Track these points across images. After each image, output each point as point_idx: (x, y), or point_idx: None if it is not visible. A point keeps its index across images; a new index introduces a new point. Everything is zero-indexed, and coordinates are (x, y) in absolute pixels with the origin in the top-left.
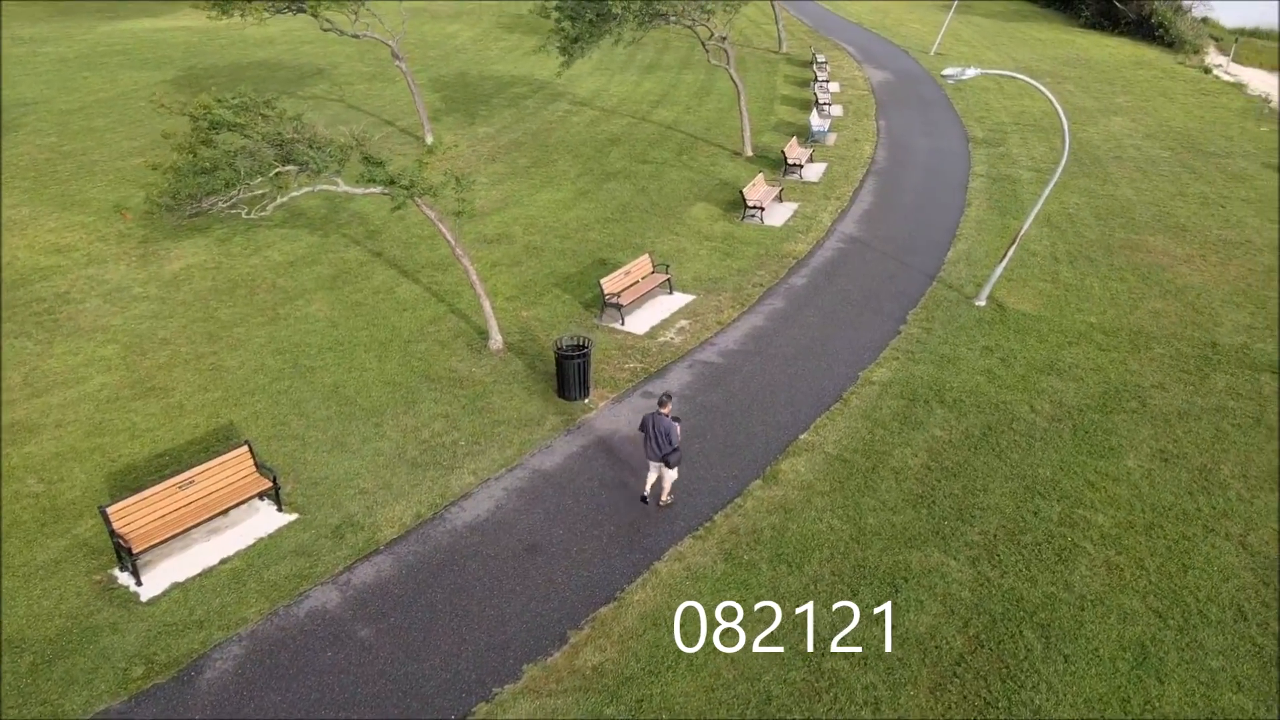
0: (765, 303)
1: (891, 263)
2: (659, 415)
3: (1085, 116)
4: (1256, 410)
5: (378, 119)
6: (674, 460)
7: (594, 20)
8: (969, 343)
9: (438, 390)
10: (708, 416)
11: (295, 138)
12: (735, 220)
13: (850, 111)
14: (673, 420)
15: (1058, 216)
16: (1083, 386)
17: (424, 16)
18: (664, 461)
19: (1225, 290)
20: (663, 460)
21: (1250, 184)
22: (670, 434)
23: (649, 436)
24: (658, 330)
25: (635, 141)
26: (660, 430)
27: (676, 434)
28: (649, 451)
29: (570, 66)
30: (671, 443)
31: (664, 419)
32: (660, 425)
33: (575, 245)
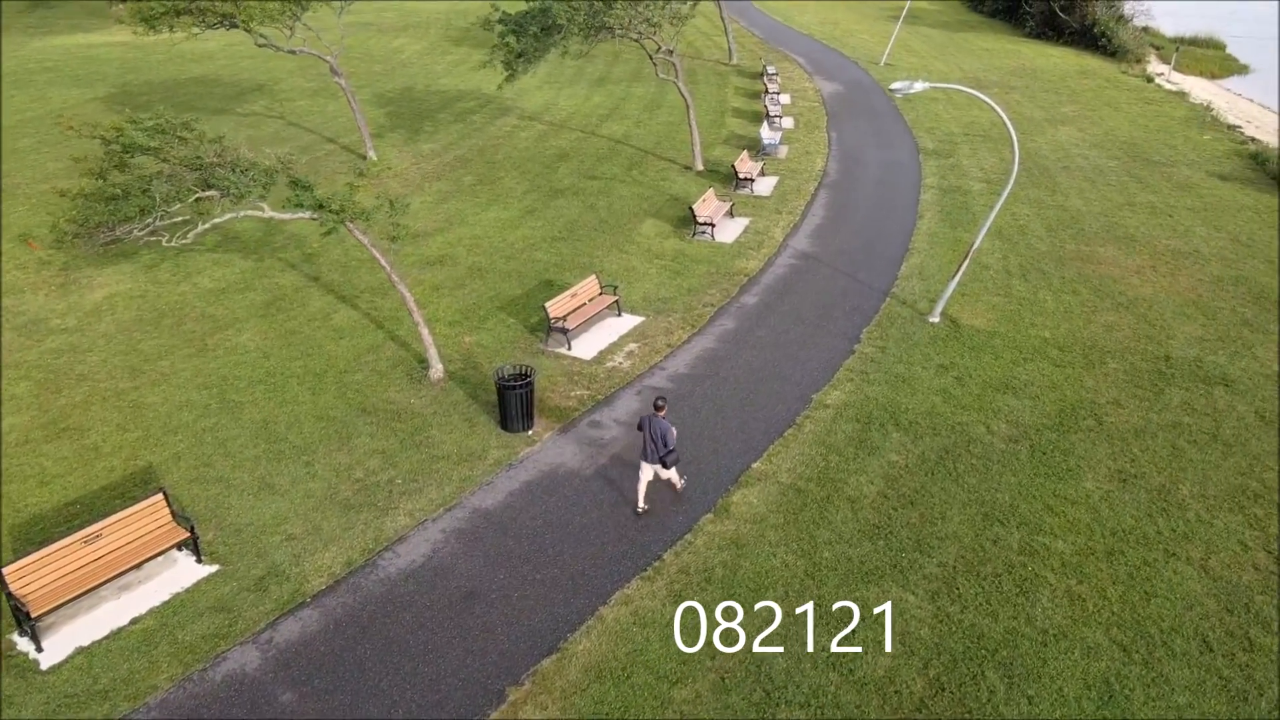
0: (716, 323)
1: (844, 279)
2: (655, 417)
3: (1033, 127)
4: (1212, 426)
5: (319, 136)
6: (670, 461)
7: (538, 34)
8: (924, 361)
9: (374, 424)
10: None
11: (216, 161)
12: (686, 237)
13: (801, 123)
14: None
15: (1009, 228)
16: (1039, 405)
17: (370, 31)
18: (661, 463)
19: (1176, 301)
20: (660, 462)
21: (1196, 192)
22: (667, 436)
23: (646, 439)
24: (606, 354)
25: (584, 157)
26: (657, 433)
27: (673, 436)
28: (646, 454)
29: (514, 82)
30: (668, 444)
31: (661, 421)
32: (657, 428)
33: (521, 266)
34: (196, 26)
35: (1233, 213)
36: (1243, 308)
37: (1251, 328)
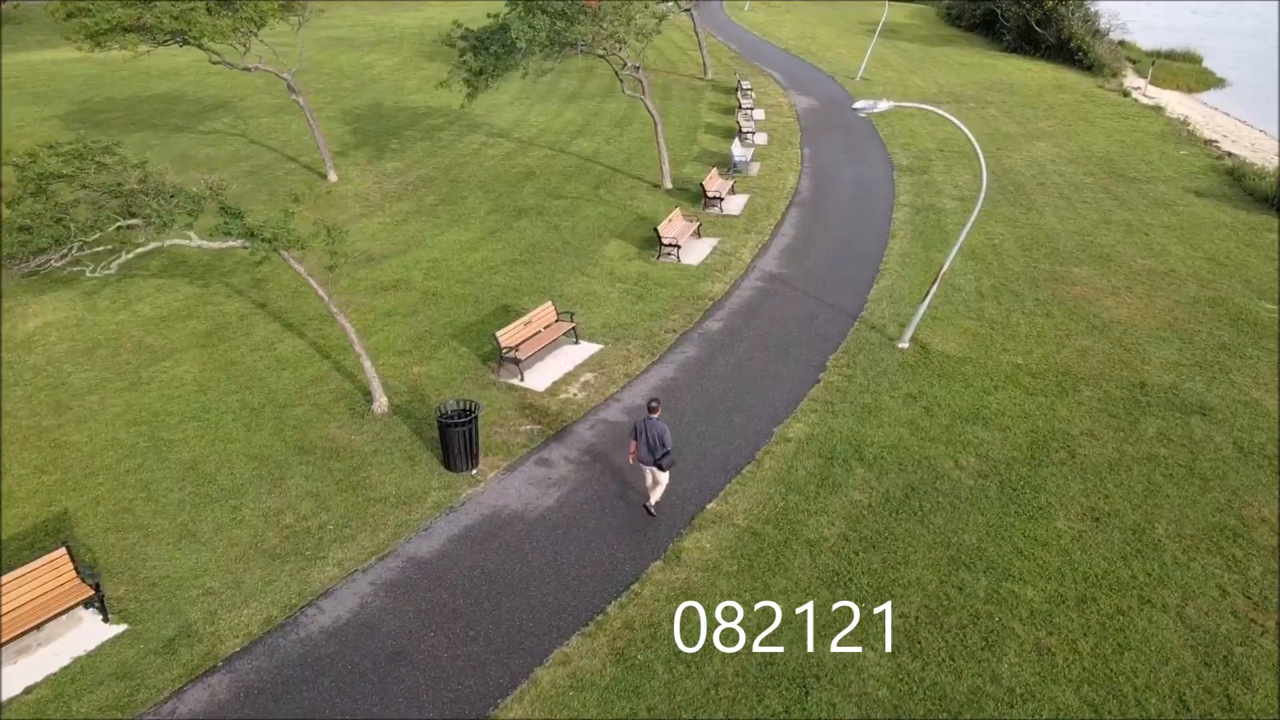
0: (677, 351)
1: (812, 302)
2: (650, 419)
3: (1009, 142)
4: (1188, 458)
5: (280, 155)
6: (666, 463)
7: (498, 53)
8: (891, 390)
9: (310, 463)
10: (607, 484)
11: (138, 188)
12: (651, 259)
13: (775, 139)
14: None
15: (982, 248)
16: (1009, 436)
17: (342, 46)
18: (657, 465)
19: (1152, 324)
20: (656, 464)
21: (1172, 210)
22: (663, 437)
23: (641, 442)
24: (560, 385)
25: (551, 175)
26: (653, 434)
27: (669, 437)
28: (642, 456)
29: (474, 100)
30: (665, 445)
31: (655, 423)
32: (653, 429)
33: (477, 291)
34: (146, 44)
35: (1209, 230)
36: (1220, 331)
37: (1229, 352)
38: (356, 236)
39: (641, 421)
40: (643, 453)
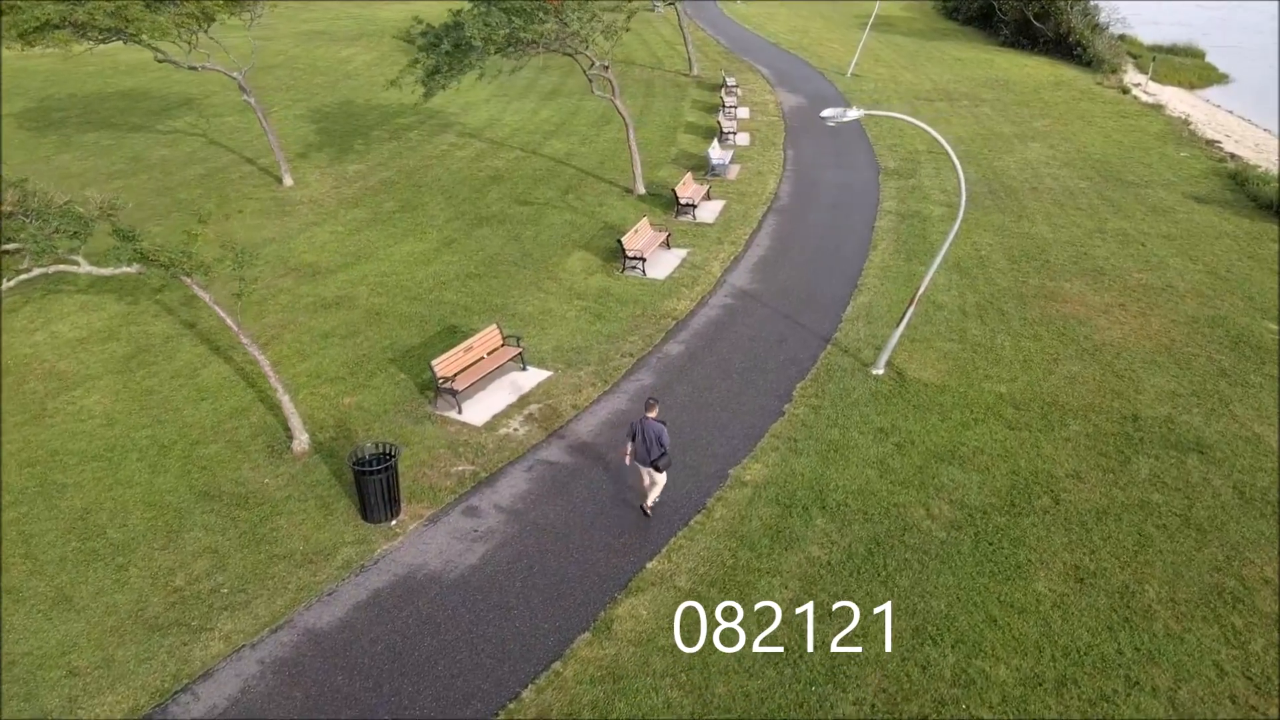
0: (633, 378)
1: (783, 322)
2: (647, 420)
3: (1002, 143)
4: (1184, 506)
5: (238, 156)
6: (663, 464)
7: (451, 51)
8: (861, 424)
9: (214, 512)
10: (539, 540)
11: (13, 210)
12: (614, 272)
13: (757, 140)
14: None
15: (968, 260)
16: (988, 479)
17: (320, 40)
18: (653, 465)
19: (1147, 348)
20: (652, 464)
21: (1171, 217)
22: (661, 437)
23: (639, 442)
24: (500, 419)
25: (519, 179)
26: (650, 435)
27: (666, 437)
28: (639, 456)
29: (430, 99)
30: (662, 445)
31: (652, 423)
32: (650, 430)
33: (425, 309)
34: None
35: (1210, 240)
36: (1220, 355)
37: (1229, 379)
38: (304, 247)
39: (638, 421)
40: (640, 453)
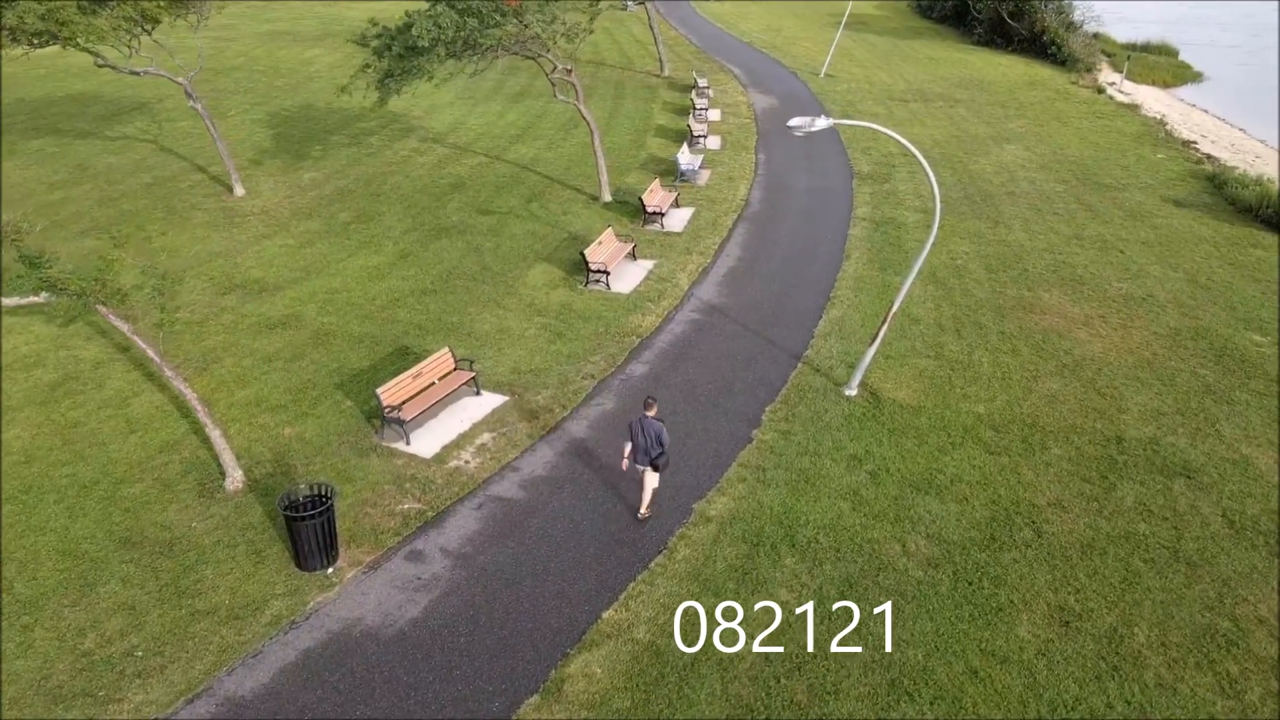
0: (593, 403)
1: (752, 339)
2: (646, 419)
3: (977, 146)
4: (1172, 537)
5: (190, 164)
6: (661, 463)
7: (401, 55)
8: (834, 451)
9: (134, 562)
10: (487, 589)
11: None
12: (577, 286)
13: (729, 143)
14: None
15: (944, 270)
16: (966, 510)
17: (282, 40)
18: (652, 465)
19: (1129, 362)
20: (651, 464)
21: (1149, 222)
22: (660, 436)
23: (637, 441)
24: (451, 450)
25: (481, 187)
26: (650, 434)
27: (666, 436)
28: (637, 457)
29: (385, 104)
30: (661, 444)
31: (651, 422)
32: (649, 429)
33: (377, 329)
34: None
35: (1190, 246)
36: (1204, 370)
37: (1214, 396)
38: (251, 262)
39: (637, 421)
40: (638, 453)
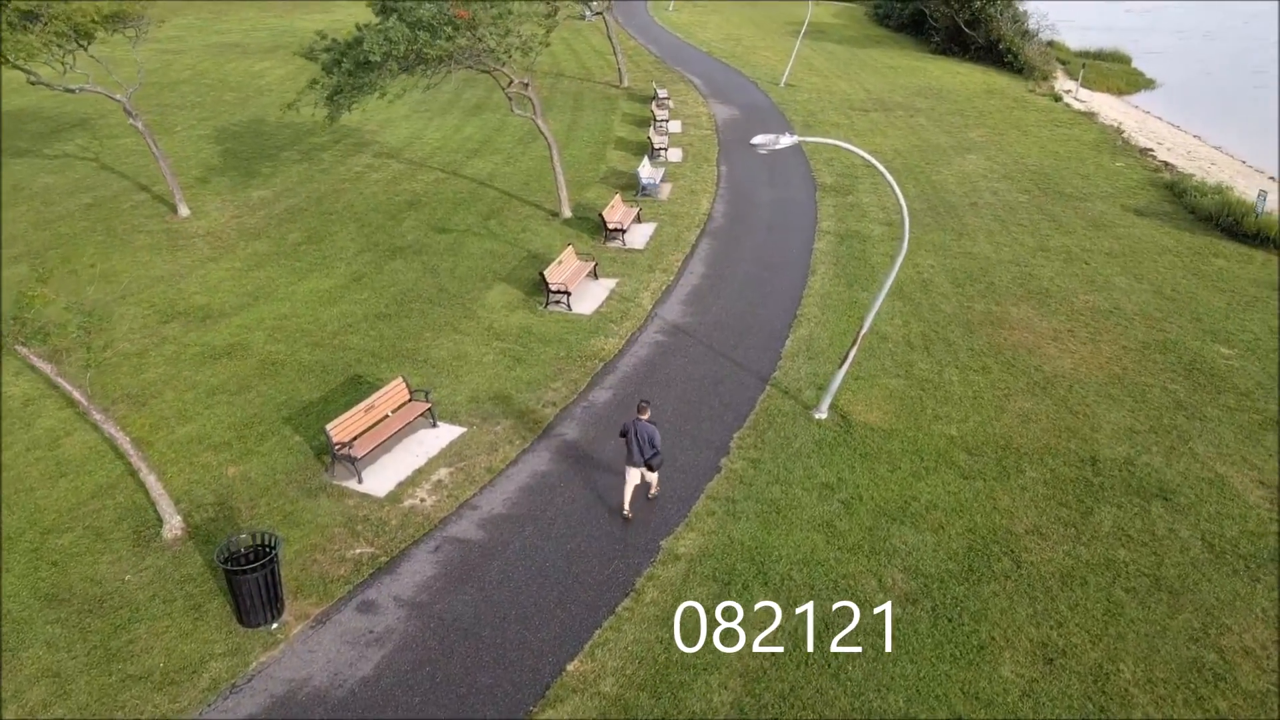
0: (555, 432)
1: (718, 361)
2: (639, 421)
3: (939, 155)
4: (1152, 564)
5: (132, 183)
6: (656, 463)
7: (351, 71)
8: (805, 479)
9: (61, 622)
10: (443, 641)
11: None
12: (537, 307)
13: (690, 155)
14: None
15: (911, 284)
16: (943, 540)
17: (232, 53)
18: (647, 465)
19: (1099, 378)
20: (645, 465)
21: (1112, 232)
22: (653, 438)
23: (631, 443)
24: (406, 488)
25: (438, 203)
26: (643, 436)
27: (659, 438)
28: (632, 458)
29: (335, 121)
30: (654, 446)
31: (645, 424)
32: (643, 431)
33: (328, 356)
34: None
35: (1153, 257)
36: (1174, 384)
37: (1186, 412)
38: (195, 288)
39: (630, 423)
40: (633, 455)
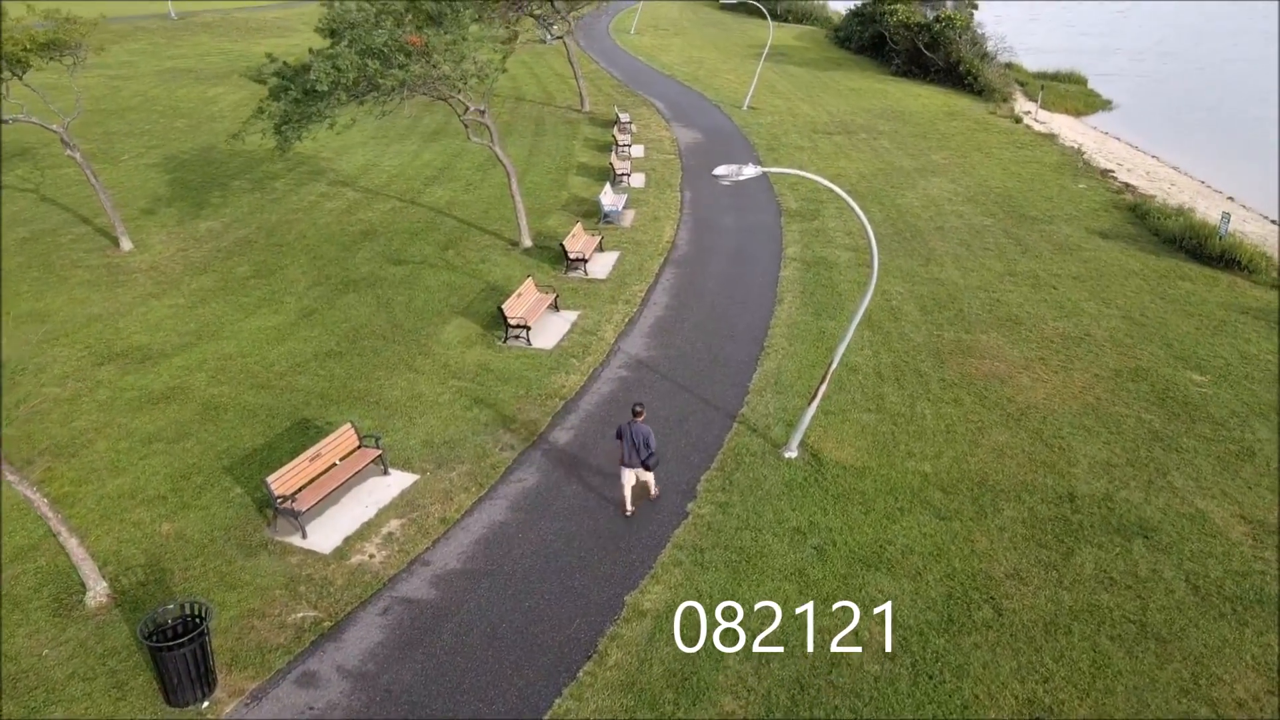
0: (513, 477)
1: (684, 397)
2: (634, 423)
3: (903, 178)
4: (1137, 609)
5: (73, 216)
6: (652, 464)
7: (299, 99)
8: (776, 524)
9: None
10: (390, 715)
11: None
12: (496, 342)
13: (653, 180)
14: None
15: (879, 312)
16: (921, 587)
17: (185, 78)
18: (643, 465)
19: (1073, 409)
20: (642, 464)
21: (1078, 256)
22: (648, 439)
23: (626, 445)
24: (353, 543)
25: (394, 234)
26: (639, 438)
27: (653, 439)
28: (627, 459)
29: (284, 153)
30: (650, 447)
31: (640, 426)
32: (639, 433)
33: (274, 399)
34: None
35: (1120, 280)
36: (1148, 414)
37: (1163, 443)
38: (135, 326)
39: (625, 425)
40: (628, 456)
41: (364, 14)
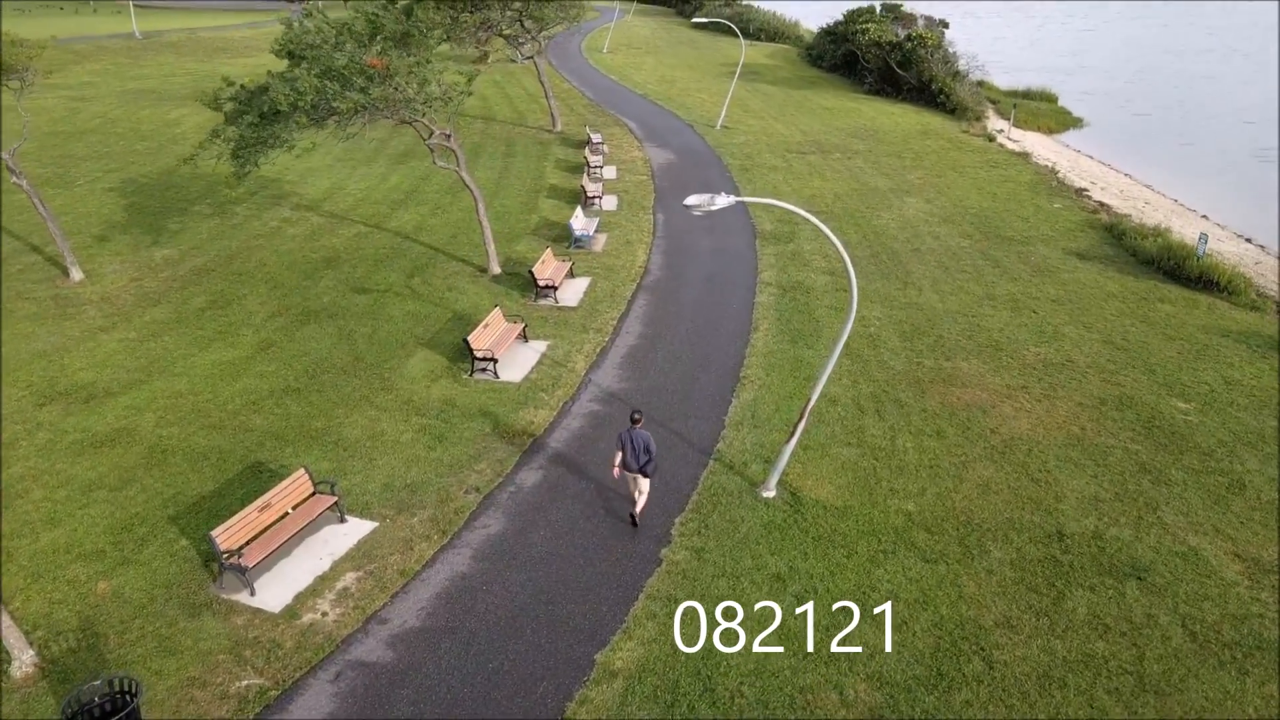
0: (478, 523)
1: (657, 433)
2: (634, 429)
3: (879, 199)
4: (1134, 658)
5: (22, 244)
6: (650, 470)
7: (256, 122)
8: (753, 571)
9: None
10: None
11: None
12: (461, 375)
13: (625, 202)
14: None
15: (858, 339)
16: (908, 639)
17: (147, 100)
18: (641, 471)
19: (1059, 440)
20: (640, 470)
21: (1056, 278)
22: (648, 445)
23: (626, 451)
24: (305, 600)
25: (359, 261)
26: (639, 444)
27: (652, 444)
28: (628, 464)
29: (246, 178)
30: (650, 452)
31: (639, 433)
32: (638, 439)
33: (226, 441)
34: None
35: (1099, 303)
36: (1135, 444)
37: (1151, 476)
38: (81, 363)
39: (625, 432)
40: (629, 461)
41: (323, 36)
